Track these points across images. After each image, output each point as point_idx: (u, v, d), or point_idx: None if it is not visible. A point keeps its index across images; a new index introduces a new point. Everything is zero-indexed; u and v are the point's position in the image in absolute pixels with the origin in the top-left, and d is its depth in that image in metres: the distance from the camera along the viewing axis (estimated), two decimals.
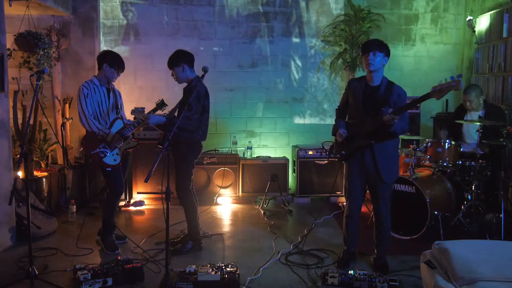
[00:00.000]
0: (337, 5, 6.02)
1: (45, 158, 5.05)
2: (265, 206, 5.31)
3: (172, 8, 5.81)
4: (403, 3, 6.12)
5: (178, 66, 3.74)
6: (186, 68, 3.75)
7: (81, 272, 3.10)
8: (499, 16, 5.21)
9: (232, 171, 5.47)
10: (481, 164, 4.11)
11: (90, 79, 3.87)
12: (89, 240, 4.07)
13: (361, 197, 3.55)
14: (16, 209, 4.05)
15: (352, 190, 3.52)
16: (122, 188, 4.00)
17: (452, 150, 4.31)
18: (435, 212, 4.01)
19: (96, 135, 3.75)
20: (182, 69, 3.75)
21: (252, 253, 3.85)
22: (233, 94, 6.01)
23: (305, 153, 5.50)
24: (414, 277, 3.29)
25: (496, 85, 5.20)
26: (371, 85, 3.39)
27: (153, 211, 5.12)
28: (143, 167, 5.31)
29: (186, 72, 3.76)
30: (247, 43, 5.96)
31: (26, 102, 4.76)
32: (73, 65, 5.50)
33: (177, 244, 3.87)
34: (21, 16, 4.90)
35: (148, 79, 5.84)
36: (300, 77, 6.10)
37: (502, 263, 2.30)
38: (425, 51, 6.21)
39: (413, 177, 4.16)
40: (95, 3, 5.52)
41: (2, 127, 3.95)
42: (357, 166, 3.46)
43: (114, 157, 3.81)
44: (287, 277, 3.35)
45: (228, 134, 6.03)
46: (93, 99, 3.79)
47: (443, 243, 2.52)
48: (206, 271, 3.09)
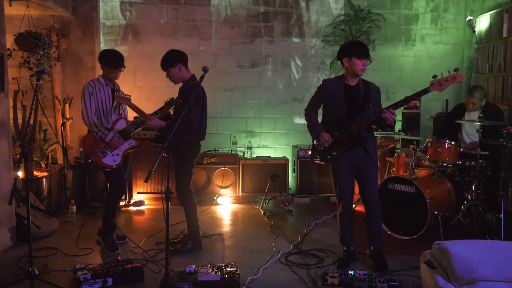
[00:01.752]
0: (337, 5, 6.02)
1: (45, 158, 5.05)
2: (265, 206, 5.31)
3: (172, 8, 5.81)
4: (403, 3, 6.12)
5: (175, 67, 3.71)
6: (182, 67, 3.74)
7: (81, 272, 3.09)
8: (499, 16, 5.21)
9: (232, 171, 5.47)
10: (481, 164, 4.11)
11: (96, 78, 3.89)
12: (89, 240, 4.07)
13: (352, 194, 3.62)
14: (16, 209, 4.05)
15: (344, 188, 3.55)
16: (124, 188, 4.00)
17: (452, 150, 4.31)
18: (435, 212, 4.01)
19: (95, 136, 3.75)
20: (179, 69, 3.72)
21: (252, 253, 3.85)
22: (233, 94, 6.01)
23: (305, 153, 5.50)
24: (414, 277, 3.29)
25: (496, 85, 5.20)
26: (351, 85, 3.48)
27: (153, 211, 5.12)
28: (143, 167, 5.31)
29: (182, 72, 3.75)
30: (247, 43, 5.96)
31: (26, 102, 4.76)
32: (73, 65, 5.50)
33: (177, 244, 3.87)
34: (21, 16, 4.90)
35: (148, 79, 5.84)
36: (300, 77, 6.10)
37: (502, 263, 2.30)
38: (425, 51, 6.21)
39: (413, 177, 4.16)
40: (95, 3, 5.52)
41: (2, 127, 3.95)
42: (348, 163, 3.51)
43: (114, 158, 3.80)
44: (287, 277, 3.35)
45: (228, 134, 6.03)
46: (98, 97, 3.79)
47: (443, 243, 2.51)
48: (206, 271, 3.09)
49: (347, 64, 3.41)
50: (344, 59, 3.41)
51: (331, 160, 3.56)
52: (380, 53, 5.99)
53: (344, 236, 3.63)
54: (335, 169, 3.58)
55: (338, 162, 3.53)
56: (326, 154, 3.57)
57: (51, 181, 4.80)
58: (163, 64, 3.76)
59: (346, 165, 3.52)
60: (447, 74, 3.23)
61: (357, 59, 3.35)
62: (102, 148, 3.75)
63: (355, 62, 3.36)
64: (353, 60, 3.36)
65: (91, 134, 3.78)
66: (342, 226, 3.62)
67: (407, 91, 6.00)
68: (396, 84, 6.12)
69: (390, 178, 4.31)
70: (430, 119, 6.03)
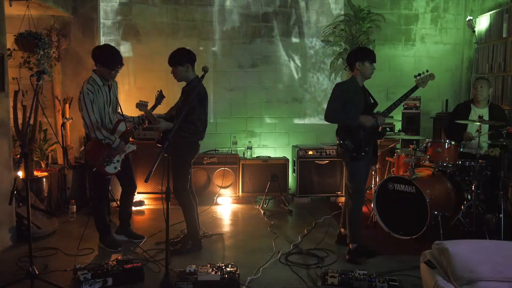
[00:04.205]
0: (337, 5, 6.02)
1: (45, 158, 5.05)
2: (265, 206, 5.31)
3: (172, 8, 5.81)
4: (403, 3, 6.13)
5: (183, 65, 3.68)
6: (190, 68, 3.72)
7: (81, 272, 3.10)
8: (499, 16, 5.21)
9: (232, 171, 5.47)
10: (481, 164, 4.11)
11: (92, 78, 3.70)
12: (90, 240, 4.07)
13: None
14: (16, 209, 4.05)
15: (364, 186, 3.79)
16: (107, 194, 4.02)
17: (452, 150, 4.31)
18: (435, 212, 4.01)
19: (101, 142, 3.67)
20: (187, 69, 3.70)
21: (252, 253, 3.86)
22: (233, 94, 6.02)
23: (305, 153, 5.51)
24: (414, 277, 3.29)
25: (496, 85, 5.20)
26: (361, 86, 3.77)
27: (153, 211, 5.12)
28: (143, 167, 5.31)
29: (189, 72, 3.73)
30: (247, 43, 5.97)
31: (26, 102, 4.76)
32: (73, 65, 5.50)
33: (177, 244, 3.87)
34: (21, 16, 4.90)
35: (148, 79, 5.84)
36: (300, 77, 6.10)
37: (502, 263, 2.30)
38: (425, 51, 6.21)
39: (413, 177, 4.16)
40: (95, 3, 5.52)
41: (3, 127, 3.95)
42: (369, 160, 3.75)
43: (115, 165, 3.79)
44: (287, 277, 3.35)
45: (228, 134, 6.03)
46: (99, 102, 3.68)
47: (443, 243, 2.51)
48: (206, 271, 3.09)
49: (359, 68, 3.66)
50: (357, 63, 3.65)
51: (365, 156, 3.66)
52: (380, 53, 5.98)
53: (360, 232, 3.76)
54: (362, 165, 3.69)
55: (366, 159, 3.69)
56: (360, 151, 3.64)
57: (51, 181, 4.81)
58: (172, 60, 3.70)
59: (368, 162, 3.75)
60: (447, 75, 3.29)
61: (368, 64, 3.65)
62: (106, 156, 3.71)
63: (367, 66, 3.65)
64: (365, 64, 3.64)
65: (95, 142, 3.70)
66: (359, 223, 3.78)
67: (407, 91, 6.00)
68: (396, 84, 6.12)
69: (390, 178, 4.31)
70: (430, 119, 6.03)
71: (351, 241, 3.69)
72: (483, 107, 4.54)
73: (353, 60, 3.69)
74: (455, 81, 6.22)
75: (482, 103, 4.55)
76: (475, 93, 4.58)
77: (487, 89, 4.53)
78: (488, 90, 4.54)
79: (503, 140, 4.01)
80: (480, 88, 4.51)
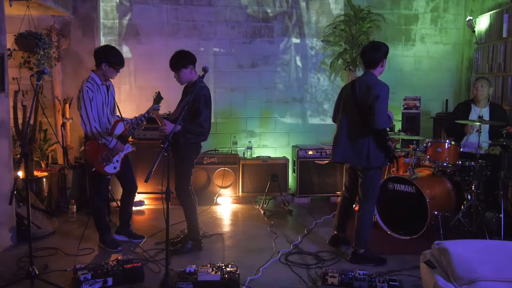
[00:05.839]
0: (337, 5, 6.02)
1: (45, 158, 5.05)
2: (265, 206, 5.31)
3: (172, 8, 5.81)
4: (403, 3, 6.12)
5: (187, 68, 3.67)
6: (193, 69, 3.72)
7: (81, 272, 3.10)
8: (499, 16, 5.21)
9: (232, 171, 5.47)
10: (481, 164, 4.11)
11: (91, 77, 3.71)
12: (90, 240, 4.07)
13: None
14: (16, 209, 4.06)
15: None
16: (107, 194, 4.00)
17: (452, 150, 4.31)
18: (435, 212, 4.01)
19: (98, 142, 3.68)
20: (190, 71, 3.70)
21: (252, 253, 3.86)
22: (233, 94, 6.01)
23: (305, 153, 5.51)
24: (414, 277, 3.30)
25: (496, 85, 5.20)
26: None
27: (153, 211, 5.12)
28: (143, 167, 5.31)
29: (193, 74, 3.73)
30: (247, 43, 5.96)
31: (26, 102, 4.76)
32: (73, 65, 5.50)
33: (177, 244, 3.87)
34: (21, 16, 4.90)
35: (148, 79, 5.83)
36: (300, 77, 6.10)
37: (502, 263, 2.30)
38: (425, 51, 6.21)
39: (413, 177, 4.17)
40: (95, 3, 5.52)
41: (3, 127, 3.95)
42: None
43: (115, 165, 3.79)
44: (287, 277, 3.35)
45: (228, 134, 6.03)
46: (98, 101, 3.69)
47: (443, 243, 2.52)
48: (206, 271, 3.10)
49: (382, 66, 3.59)
50: (383, 60, 3.57)
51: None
52: None
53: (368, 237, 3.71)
54: (381, 170, 3.69)
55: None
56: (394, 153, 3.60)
57: (51, 181, 4.80)
58: (174, 65, 3.68)
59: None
60: (446, 75, 3.25)
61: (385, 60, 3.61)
62: (105, 155, 3.72)
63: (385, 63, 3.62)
64: (384, 62, 3.60)
65: (94, 142, 3.70)
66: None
67: (407, 91, 6.01)
68: (396, 84, 6.11)
69: (390, 178, 4.31)
70: (430, 119, 6.03)
71: (361, 246, 3.60)
72: (484, 106, 4.55)
73: (380, 58, 3.54)
74: (455, 81, 6.22)
75: (482, 103, 4.57)
76: (475, 92, 4.59)
77: (488, 88, 4.54)
78: (488, 89, 4.55)
79: (503, 140, 4.02)
80: (481, 88, 4.52)
